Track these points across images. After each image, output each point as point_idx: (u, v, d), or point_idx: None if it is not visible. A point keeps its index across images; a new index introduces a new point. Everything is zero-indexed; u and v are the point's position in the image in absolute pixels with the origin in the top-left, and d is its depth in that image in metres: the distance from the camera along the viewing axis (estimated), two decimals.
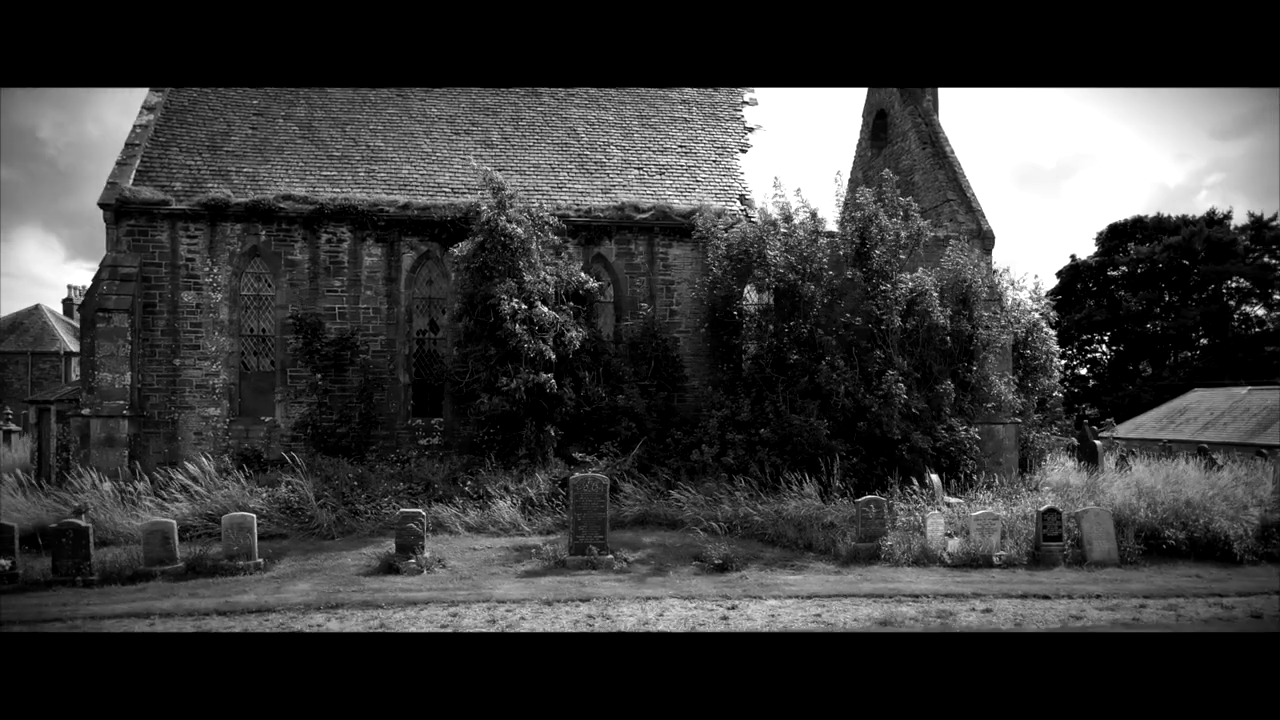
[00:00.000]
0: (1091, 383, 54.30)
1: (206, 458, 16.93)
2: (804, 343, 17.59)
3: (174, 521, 12.90)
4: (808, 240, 17.37)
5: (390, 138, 21.28)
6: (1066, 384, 43.69)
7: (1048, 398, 22.11)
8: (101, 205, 18.57)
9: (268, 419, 19.21)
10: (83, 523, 12.37)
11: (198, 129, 20.57)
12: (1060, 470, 21.33)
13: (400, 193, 19.86)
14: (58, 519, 13.67)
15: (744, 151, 22.48)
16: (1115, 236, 53.74)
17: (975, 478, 17.70)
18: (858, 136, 27.18)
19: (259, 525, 13.65)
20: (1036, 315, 21.25)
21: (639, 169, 21.58)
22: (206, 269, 19.03)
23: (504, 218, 17.35)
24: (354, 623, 10.43)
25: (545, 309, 17.13)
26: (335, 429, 18.58)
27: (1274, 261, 49.61)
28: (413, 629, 10.18)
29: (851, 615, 11.08)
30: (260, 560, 12.90)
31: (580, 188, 20.71)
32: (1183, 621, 11.10)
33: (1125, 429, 37.57)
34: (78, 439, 18.49)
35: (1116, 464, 23.34)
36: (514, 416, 17.04)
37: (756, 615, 10.97)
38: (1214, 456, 22.86)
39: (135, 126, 20.06)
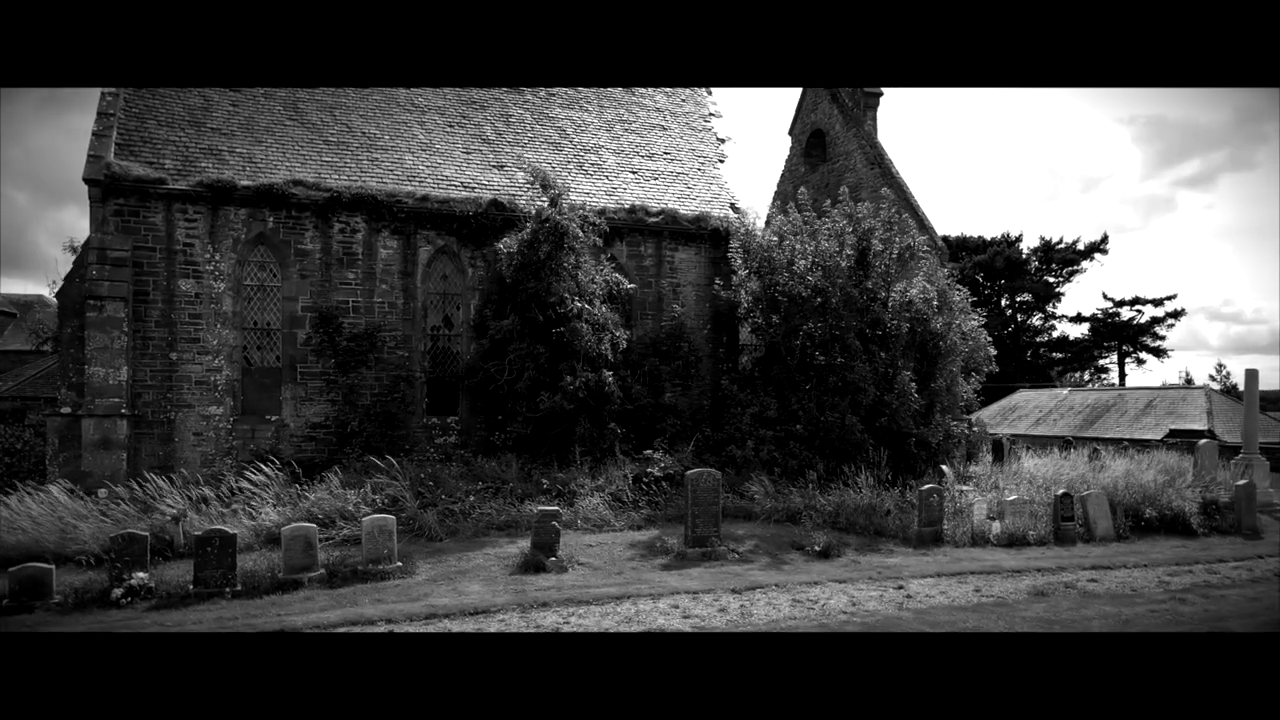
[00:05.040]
0: None
1: (242, 464, 15.66)
2: (825, 344, 18.90)
3: (314, 526, 12.10)
4: (835, 250, 18.70)
5: (384, 125, 20.37)
6: None
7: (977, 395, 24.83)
8: (88, 181, 16.58)
9: (274, 418, 17.92)
10: (229, 529, 11.37)
11: (174, 102, 18.74)
12: (980, 461, 24.24)
13: (411, 184, 19.14)
14: (150, 528, 12.42)
15: (722, 162, 23.50)
16: None
17: (963, 467, 19.84)
18: (788, 153, 29.02)
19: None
20: (975, 322, 23.84)
21: (633, 173, 22.03)
22: (207, 256, 17.48)
23: (558, 213, 17.35)
24: (593, 619, 10.48)
25: (602, 308, 17.34)
26: (361, 428, 17.64)
27: (1053, 280, 57.24)
28: (661, 622, 10.40)
29: (999, 589, 12.49)
30: (400, 563, 12.41)
31: (585, 189, 20.86)
32: (1236, 583, 13.42)
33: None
34: (55, 441, 16.49)
35: (1006, 456, 26.77)
36: (568, 415, 17.09)
37: (933, 593, 12.11)
38: (1096, 448, 26.63)
39: (104, 94, 17.99)
